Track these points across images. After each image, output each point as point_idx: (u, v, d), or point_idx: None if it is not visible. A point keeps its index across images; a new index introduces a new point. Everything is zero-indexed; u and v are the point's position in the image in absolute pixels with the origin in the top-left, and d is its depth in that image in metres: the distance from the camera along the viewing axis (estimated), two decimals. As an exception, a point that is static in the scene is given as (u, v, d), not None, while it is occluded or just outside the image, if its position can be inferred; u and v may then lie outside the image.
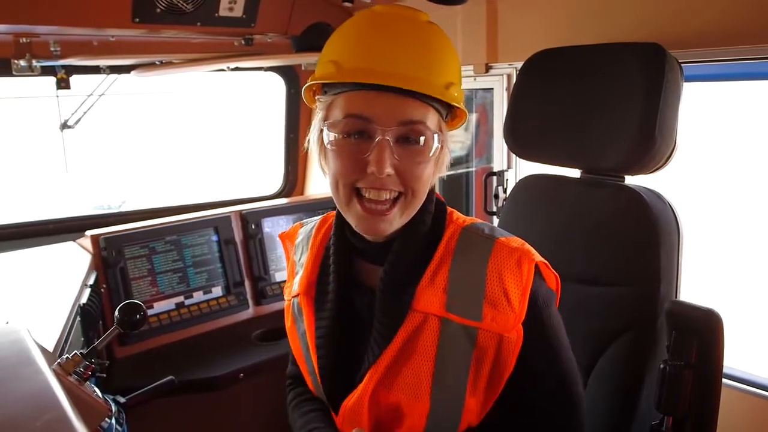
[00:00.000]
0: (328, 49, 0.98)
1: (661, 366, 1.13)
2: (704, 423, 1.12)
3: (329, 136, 0.94)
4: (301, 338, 1.11)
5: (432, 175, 0.99)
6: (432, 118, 0.94)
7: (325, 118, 0.96)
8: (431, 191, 1.03)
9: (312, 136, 1.01)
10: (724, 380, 1.16)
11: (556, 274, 1.02)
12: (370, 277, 1.04)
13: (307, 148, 1.03)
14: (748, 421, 1.56)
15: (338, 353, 1.03)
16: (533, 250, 0.99)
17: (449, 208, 1.07)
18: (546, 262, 1.00)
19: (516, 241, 0.99)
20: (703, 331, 1.10)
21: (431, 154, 0.95)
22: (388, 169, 0.91)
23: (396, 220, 0.96)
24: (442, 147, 0.97)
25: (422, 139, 0.93)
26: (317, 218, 1.19)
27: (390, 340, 0.97)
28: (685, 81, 1.36)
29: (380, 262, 1.01)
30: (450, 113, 1.00)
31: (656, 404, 1.13)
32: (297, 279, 1.14)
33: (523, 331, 0.95)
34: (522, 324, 0.95)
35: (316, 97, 1.01)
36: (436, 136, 0.94)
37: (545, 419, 1.02)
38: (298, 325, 1.13)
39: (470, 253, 0.98)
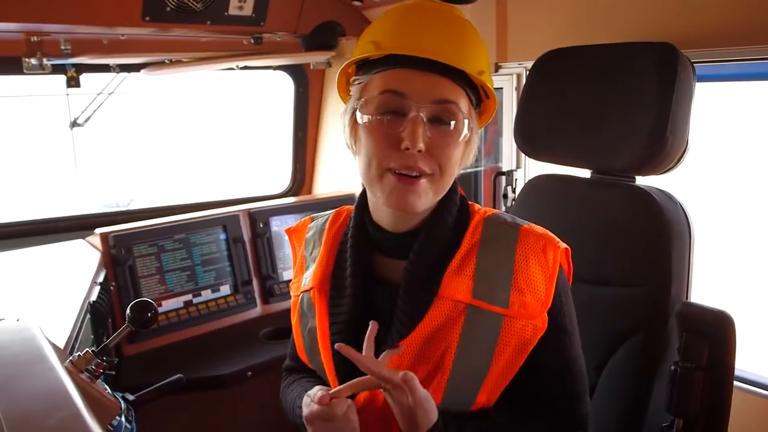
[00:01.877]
0: (368, 33, 1.00)
1: (672, 368, 1.12)
2: (715, 425, 1.11)
3: (363, 117, 0.96)
4: (309, 334, 1.10)
5: (460, 160, 1.00)
6: (464, 103, 0.96)
7: (360, 98, 0.98)
8: (455, 183, 1.04)
9: (344, 118, 1.03)
10: (735, 382, 1.15)
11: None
12: (391, 272, 1.03)
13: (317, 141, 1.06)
14: (760, 424, 1.55)
15: (356, 348, 1.02)
16: (555, 237, 1.00)
17: (469, 201, 1.08)
18: (568, 248, 1.01)
19: (539, 228, 1.01)
20: (714, 333, 1.10)
21: (461, 138, 0.96)
22: (421, 144, 0.92)
23: (424, 196, 0.96)
24: (471, 134, 0.99)
25: (453, 123, 0.94)
26: (329, 212, 1.18)
27: (413, 329, 0.97)
28: (698, 81, 1.35)
29: (403, 256, 1.00)
30: (478, 107, 1.02)
31: (667, 406, 1.13)
32: (308, 273, 1.12)
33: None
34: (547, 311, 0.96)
35: (350, 80, 1.02)
36: (466, 121, 0.96)
37: (551, 403, 1.01)
38: (306, 320, 1.11)
39: (497, 241, 1.00)
